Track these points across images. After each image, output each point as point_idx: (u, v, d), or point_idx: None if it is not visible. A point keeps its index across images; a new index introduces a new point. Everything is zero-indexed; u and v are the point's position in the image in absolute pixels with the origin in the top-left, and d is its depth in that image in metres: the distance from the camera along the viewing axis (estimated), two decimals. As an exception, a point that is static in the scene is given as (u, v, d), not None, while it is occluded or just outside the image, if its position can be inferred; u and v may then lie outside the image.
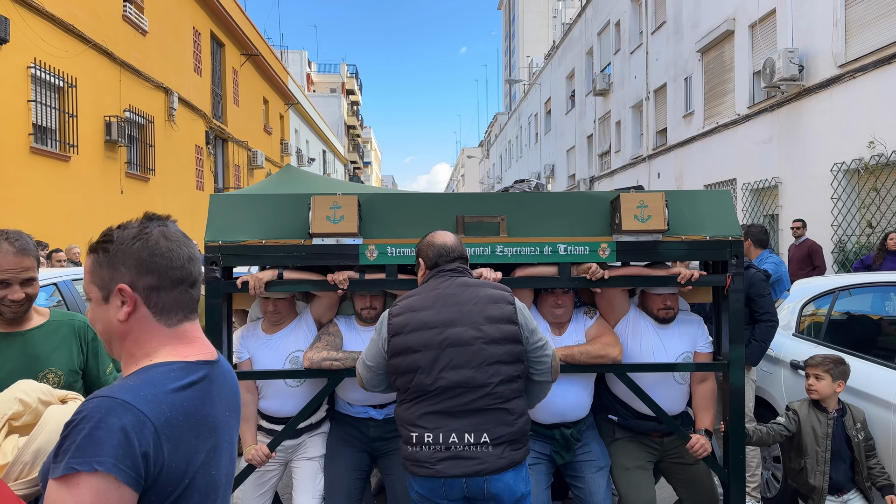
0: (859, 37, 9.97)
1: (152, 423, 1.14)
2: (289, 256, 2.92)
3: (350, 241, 2.92)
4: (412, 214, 3.01)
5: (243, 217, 2.97)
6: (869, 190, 9.74)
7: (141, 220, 1.33)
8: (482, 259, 2.95)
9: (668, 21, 17.10)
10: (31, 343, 2.16)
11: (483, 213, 2.99)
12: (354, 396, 3.17)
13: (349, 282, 2.91)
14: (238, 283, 2.93)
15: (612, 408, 3.24)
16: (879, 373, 3.45)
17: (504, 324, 2.31)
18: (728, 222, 3.04)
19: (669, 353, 3.12)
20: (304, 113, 30.69)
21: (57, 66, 10.33)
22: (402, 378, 2.33)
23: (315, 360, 2.96)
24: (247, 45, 20.57)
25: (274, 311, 3.12)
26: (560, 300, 3.10)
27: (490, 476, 2.26)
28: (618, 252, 2.97)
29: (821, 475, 3.21)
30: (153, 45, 13.97)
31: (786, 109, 11.74)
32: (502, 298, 2.37)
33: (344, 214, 2.87)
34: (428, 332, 2.29)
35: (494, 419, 2.29)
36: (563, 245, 2.97)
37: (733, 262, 3.00)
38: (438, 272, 2.44)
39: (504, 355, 2.29)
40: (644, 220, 2.89)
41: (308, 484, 3.15)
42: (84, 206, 11.15)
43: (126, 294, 1.26)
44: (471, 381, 2.26)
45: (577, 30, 26.11)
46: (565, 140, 28.17)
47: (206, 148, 17.21)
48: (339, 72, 53.13)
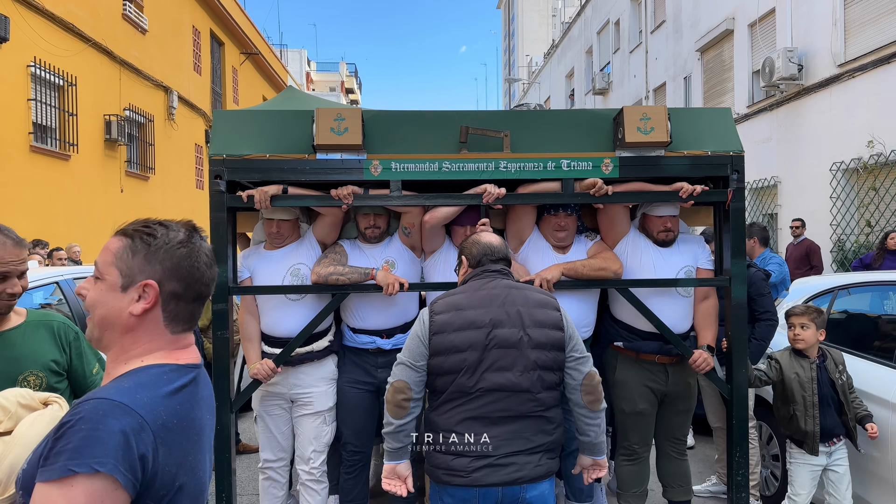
0: (858, 36, 9.99)
1: (150, 427, 1.13)
2: (293, 170, 2.92)
3: (354, 156, 2.91)
4: (416, 131, 3.01)
5: (248, 132, 2.97)
6: (868, 189, 9.76)
7: (186, 227, 1.32)
8: (486, 175, 2.95)
9: (667, 20, 17.11)
10: (9, 344, 2.06)
11: (487, 129, 2.99)
12: (361, 318, 3.18)
13: (353, 197, 2.91)
14: (244, 197, 2.93)
15: (617, 334, 3.25)
16: (878, 371, 3.46)
17: (551, 329, 2.25)
18: (729, 138, 3.07)
19: (670, 268, 3.14)
20: (303, 112, 30.70)
21: (57, 65, 10.33)
22: (443, 379, 2.24)
23: (322, 274, 2.99)
24: (246, 44, 20.56)
25: (277, 232, 3.15)
26: (562, 223, 3.12)
27: (527, 484, 2.20)
28: (621, 167, 2.99)
29: (811, 420, 3.28)
30: (153, 44, 13.96)
31: (785, 109, 11.75)
32: (549, 304, 2.31)
33: (348, 126, 2.86)
34: (475, 331, 2.21)
35: (534, 426, 2.23)
36: (566, 161, 2.97)
37: (734, 178, 3.02)
38: (484, 272, 2.35)
39: (549, 361, 2.24)
40: (647, 133, 2.90)
41: (312, 436, 3.19)
42: (84, 205, 11.15)
43: (151, 291, 1.24)
44: (514, 385, 2.19)
45: (577, 29, 26.12)
46: (565, 139, 28.16)
47: (205, 146, 17.21)
48: (339, 70, 53.10)
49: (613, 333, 3.25)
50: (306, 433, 3.18)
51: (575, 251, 3.18)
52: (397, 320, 3.19)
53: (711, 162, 3.01)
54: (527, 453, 2.21)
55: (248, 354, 3.12)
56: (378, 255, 3.18)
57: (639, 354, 3.19)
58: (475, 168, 2.93)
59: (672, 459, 3.33)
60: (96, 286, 1.27)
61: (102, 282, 1.25)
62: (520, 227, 3.20)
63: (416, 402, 2.28)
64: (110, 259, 1.25)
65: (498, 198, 2.90)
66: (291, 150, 2.93)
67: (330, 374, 3.22)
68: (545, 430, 2.25)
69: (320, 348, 3.17)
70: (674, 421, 3.28)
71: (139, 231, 1.26)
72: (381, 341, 3.16)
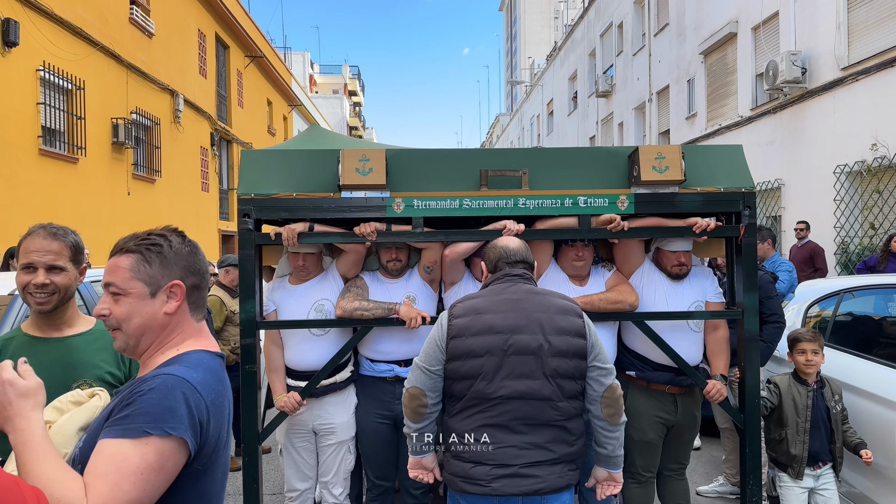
0: (862, 39, 10.03)
1: (204, 401, 1.33)
2: (318, 208, 3.00)
3: (377, 194, 3.00)
4: (437, 169, 3.09)
5: (274, 171, 3.06)
6: (871, 192, 9.80)
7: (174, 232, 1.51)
8: (505, 211, 3.04)
9: (670, 23, 17.15)
10: (69, 350, 2.03)
11: (506, 168, 3.07)
12: (379, 350, 3.25)
13: (377, 234, 3.00)
14: (272, 235, 3.03)
15: (629, 363, 3.31)
16: (883, 373, 3.51)
17: (573, 336, 2.21)
18: (741, 175, 3.14)
19: (682, 303, 3.21)
20: (306, 114, 30.78)
21: (65, 69, 10.41)
22: (460, 384, 2.21)
23: (347, 308, 3.06)
24: (251, 47, 20.65)
25: (303, 265, 3.22)
26: (580, 253, 3.19)
27: (548, 496, 2.17)
28: (636, 204, 3.06)
29: (801, 444, 3.36)
30: (159, 48, 14.05)
31: (788, 112, 11.79)
32: (571, 310, 2.27)
33: (372, 167, 2.95)
34: (493, 336, 2.17)
35: (556, 437, 2.20)
36: (583, 197, 3.06)
37: (746, 213, 3.10)
38: (504, 276, 2.32)
39: (570, 370, 2.20)
40: (662, 171, 2.99)
41: (337, 465, 3.27)
42: (92, 208, 11.23)
43: (179, 289, 1.45)
44: (535, 392, 2.16)
45: (580, 31, 26.17)
46: (567, 141, 28.21)
47: (210, 149, 17.29)
48: (342, 73, 53.19)
49: (626, 362, 3.32)
50: (330, 462, 3.26)
51: (593, 282, 3.25)
52: (415, 351, 3.24)
53: (724, 198, 3.09)
54: (549, 464, 2.17)
55: (275, 386, 3.20)
56: (399, 289, 3.26)
57: (650, 384, 3.26)
58: (495, 205, 3.02)
59: (673, 480, 3.42)
60: (122, 302, 1.41)
61: (128, 296, 1.41)
62: (538, 260, 3.28)
63: (434, 406, 2.27)
64: (128, 275, 1.41)
65: (518, 233, 2.96)
66: (317, 188, 3.02)
67: (352, 404, 3.30)
68: (566, 440, 2.22)
69: (343, 379, 3.24)
70: (679, 449, 3.37)
71: (143, 244, 1.44)
72: (399, 370, 3.22)
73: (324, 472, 3.29)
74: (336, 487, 3.27)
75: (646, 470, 3.32)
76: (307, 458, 3.30)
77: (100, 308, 1.42)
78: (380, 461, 3.30)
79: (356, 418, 3.30)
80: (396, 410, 3.22)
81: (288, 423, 3.23)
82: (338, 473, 3.27)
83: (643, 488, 3.34)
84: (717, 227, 3.12)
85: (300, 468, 3.29)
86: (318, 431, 3.27)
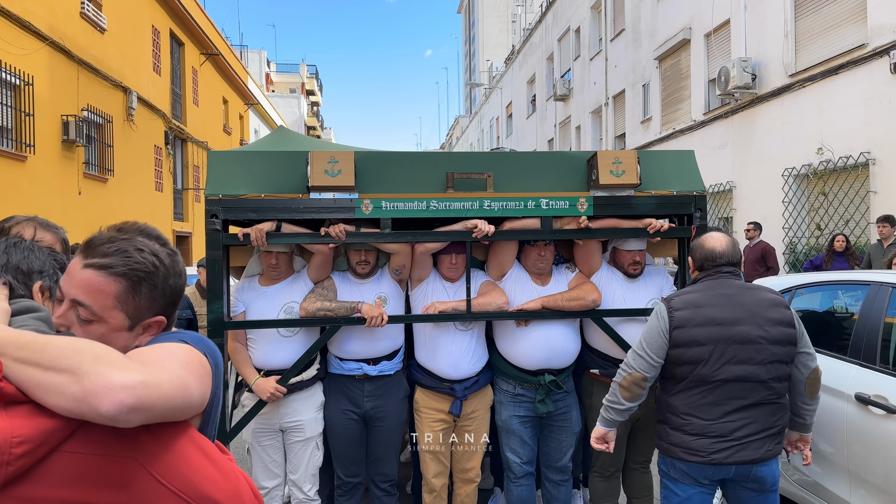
0: (808, 48, 10.44)
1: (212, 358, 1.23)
2: (287, 209, 3.00)
3: (346, 195, 3.02)
4: (404, 171, 3.14)
5: (242, 172, 3.04)
6: (818, 194, 10.20)
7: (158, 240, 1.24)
8: (471, 213, 3.12)
9: (626, 29, 17.51)
10: None
11: (471, 171, 3.16)
12: (348, 350, 3.27)
13: (345, 234, 3.01)
14: (240, 236, 3.00)
15: (592, 361, 3.44)
16: (833, 365, 3.67)
17: (785, 326, 2.53)
18: (692, 179, 3.30)
19: (639, 300, 3.36)
20: (263, 113, 30.36)
21: (13, 64, 10.05)
22: (682, 368, 2.51)
23: (310, 309, 3.08)
24: (206, 45, 20.27)
25: (276, 264, 3.22)
26: (542, 252, 3.33)
27: (758, 465, 2.50)
28: (594, 206, 3.19)
29: None
30: (112, 44, 13.68)
31: (739, 116, 12.18)
32: (781, 303, 2.58)
33: (341, 169, 2.97)
34: (715, 327, 2.47)
35: (769, 412, 2.52)
36: (545, 200, 3.16)
37: (697, 215, 3.26)
38: (717, 272, 2.62)
39: (783, 355, 2.52)
40: (619, 175, 3.13)
41: (305, 462, 3.28)
42: (41, 207, 10.85)
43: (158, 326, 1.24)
44: (752, 376, 2.47)
45: (538, 35, 26.49)
46: (526, 143, 28.51)
47: (165, 148, 16.91)
48: (300, 72, 52.63)
49: (589, 361, 3.44)
50: (299, 459, 3.26)
51: (555, 282, 3.38)
52: (384, 349, 3.30)
53: (677, 201, 3.25)
54: (761, 438, 2.49)
55: (247, 374, 3.18)
56: (370, 290, 3.29)
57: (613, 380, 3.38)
58: (461, 207, 3.09)
59: (638, 473, 3.53)
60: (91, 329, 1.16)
61: (103, 324, 1.16)
62: (502, 260, 3.38)
63: (648, 387, 2.60)
64: (110, 303, 1.16)
65: (488, 234, 3.07)
66: (285, 189, 3.02)
67: (318, 401, 3.31)
68: (777, 415, 2.55)
69: (309, 377, 3.25)
70: (643, 443, 3.48)
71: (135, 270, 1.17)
72: (368, 367, 3.25)
73: (292, 469, 3.29)
74: (305, 484, 3.27)
75: (611, 465, 3.42)
76: (274, 456, 3.29)
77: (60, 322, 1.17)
78: (349, 457, 3.32)
79: (325, 416, 3.30)
80: (365, 407, 3.26)
81: (255, 421, 3.22)
82: (306, 470, 3.27)
83: (608, 482, 3.44)
84: (671, 229, 3.31)
85: (268, 466, 3.28)
86: (286, 429, 3.26)
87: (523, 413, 3.33)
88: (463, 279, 3.28)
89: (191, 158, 19.12)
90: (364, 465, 3.37)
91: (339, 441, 3.31)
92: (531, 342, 3.25)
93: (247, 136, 27.21)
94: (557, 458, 3.40)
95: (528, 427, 3.36)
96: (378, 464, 3.35)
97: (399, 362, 3.38)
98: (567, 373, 3.37)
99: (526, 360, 3.27)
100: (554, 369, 3.28)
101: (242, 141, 26.04)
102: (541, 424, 3.40)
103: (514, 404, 3.34)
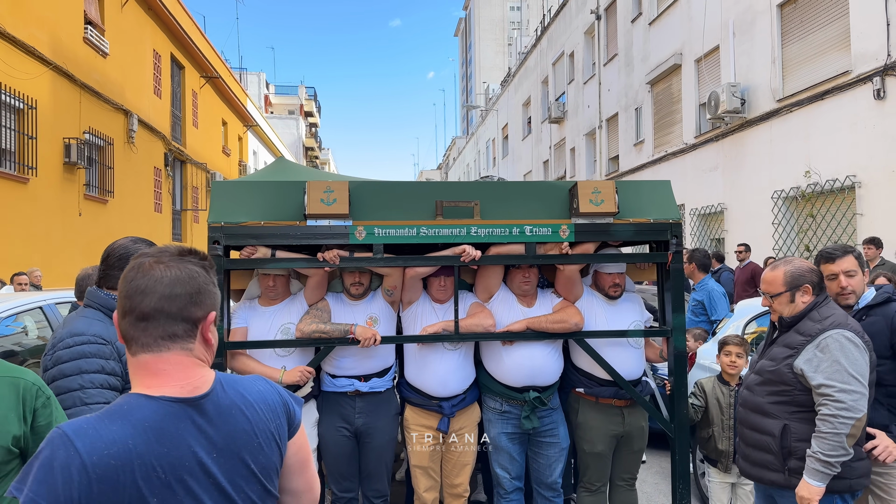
0: (795, 73, 10.70)
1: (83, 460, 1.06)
2: (285, 236, 3.18)
3: (341, 222, 3.20)
4: (396, 200, 3.32)
5: (243, 201, 3.23)
6: (806, 216, 10.40)
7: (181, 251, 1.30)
8: (459, 239, 3.29)
9: (619, 54, 17.85)
10: None
11: (459, 199, 3.33)
12: (340, 366, 3.40)
13: (339, 259, 3.19)
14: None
15: (578, 381, 3.59)
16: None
17: None
18: (669, 208, 3.48)
19: (621, 322, 3.53)
20: (262, 135, 30.62)
21: (17, 88, 10.25)
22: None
23: (306, 331, 3.24)
24: (206, 68, 20.55)
25: (273, 286, 3.39)
26: (526, 275, 3.51)
27: None
28: (576, 233, 3.35)
29: (727, 440, 3.73)
30: (113, 68, 13.92)
31: (729, 140, 12.42)
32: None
33: (336, 198, 3.16)
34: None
35: None
36: (529, 226, 3.33)
37: (673, 242, 3.43)
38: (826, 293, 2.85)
39: None
40: (598, 204, 3.29)
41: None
42: (42, 229, 11.00)
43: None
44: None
45: (533, 59, 26.89)
46: (522, 165, 28.80)
47: (164, 170, 17.09)
48: (298, 94, 53.12)
49: (575, 380, 3.61)
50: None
51: (540, 304, 3.55)
52: (375, 367, 3.44)
53: (653, 228, 3.42)
54: None
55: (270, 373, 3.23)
56: (362, 311, 3.45)
57: (598, 399, 3.54)
58: (449, 233, 3.27)
59: (624, 490, 3.68)
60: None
61: None
62: (489, 283, 3.55)
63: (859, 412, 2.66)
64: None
65: (475, 259, 3.25)
66: (283, 217, 3.21)
67: (313, 418, 3.42)
68: None
69: (304, 394, 3.38)
70: (628, 460, 3.64)
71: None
72: (360, 384, 3.39)
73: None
74: None
75: (597, 480, 3.55)
76: None
77: None
78: (342, 473, 3.43)
79: (319, 433, 3.41)
80: (357, 423, 3.39)
81: None
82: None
83: (595, 497, 3.57)
84: (649, 254, 3.52)
85: None
86: None
87: (511, 430, 3.46)
88: (451, 300, 3.43)
89: (190, 180, 19.30)
90: (357, 481, 3.47)
91: (333, 457, 3.42)
92: (515, 360, 3.39)
93: (245, 158, 27.44)
94: (547, 475, 3.52)
95: (517, 443, 3.48)
96: (370, 479, 3.46)
97: (390, 380, 3.51)
98: (552, 390, 3.50)
99: (511, 377, 3.41)
100: (538, 386, 3.42)
101: (241, 162, 26.27)
102: (529, 441, 3.52)
103: (502, 421, 3.47)
